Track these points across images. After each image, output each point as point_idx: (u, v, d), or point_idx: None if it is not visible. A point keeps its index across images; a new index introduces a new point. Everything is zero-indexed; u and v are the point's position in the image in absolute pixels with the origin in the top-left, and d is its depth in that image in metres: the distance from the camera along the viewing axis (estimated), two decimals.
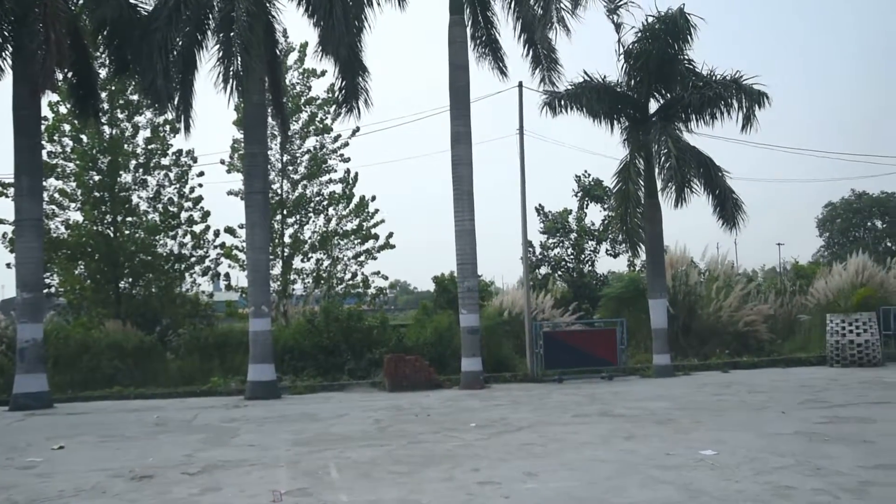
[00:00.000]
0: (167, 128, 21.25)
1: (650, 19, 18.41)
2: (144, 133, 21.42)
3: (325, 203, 23.42)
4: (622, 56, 18.90)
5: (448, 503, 6.69)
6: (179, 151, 21.74)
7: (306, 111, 23.16)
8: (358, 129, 22.86)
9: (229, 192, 22.71)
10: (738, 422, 10.81)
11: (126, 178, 21.23)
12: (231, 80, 15.52)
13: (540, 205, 25.82)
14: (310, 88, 23.30)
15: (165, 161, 21.67)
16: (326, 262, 23.61)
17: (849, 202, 65.03)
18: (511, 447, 9.33)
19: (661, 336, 18.36)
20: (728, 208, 18.57)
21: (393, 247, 24.06)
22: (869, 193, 63.42)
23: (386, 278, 24.75)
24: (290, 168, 23.16)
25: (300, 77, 23.16)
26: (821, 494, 6.55)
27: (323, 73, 22.76)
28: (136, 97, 20.55)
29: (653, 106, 19.36)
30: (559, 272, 25.36)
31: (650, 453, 8.60)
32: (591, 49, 22.83)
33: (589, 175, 25.98)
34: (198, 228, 21.98)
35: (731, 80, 18.39)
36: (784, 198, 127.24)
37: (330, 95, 22.78)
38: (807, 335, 21.98)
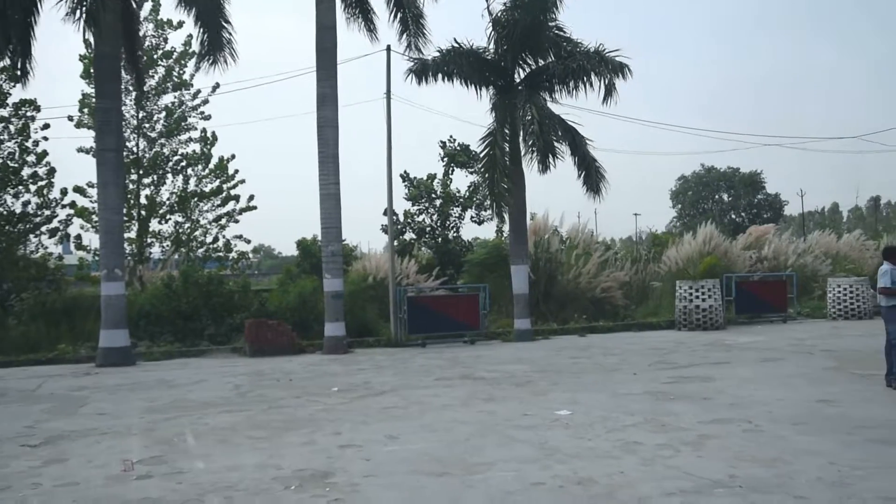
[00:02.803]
0: (4, 76, 19.66)
1: None
2: None
3: (183, 163, 22.53)
4: (490, 24, 19.03)
5: (309, 467, 6.65)
6: (21, 102, 20.19)
7: (163, 65, 22.08)
8: (218, 85, 22.12)
9: (79, 150, 21.47)
10: (593, 383, 11.28)
11: None
12: (82, 19, 14.51)
13: (405, 171, 25.80)
14: (166, 41, 22.23)
15: (4, 112, 20.09)
16: (186, 225, 22.79)
17: (699, 176, 69.06)
18: (373, 411, 9.37)
19: (522, 301, 18.82)
20: (592, 176, 19.14)
21: (255, 208, 23.50)
22: (717, 168, 67.55)
23: (248, 242, 24.21)
24: (147, 125, 22.07)
25: (156, 29, 22.03)
26: (664, 448, 6.95)
27: (181, 24, 21.78)
28: None
29: (521, 74, 19.61)
30: (424, 238, 25.49)
31: (508, 414, 8.85)
32: (462, 16, 22.92)
33: (454, 141, 26.14)
34: (43, 187, 20.56)
35: (595, 52, 18.82)
36: (643, 170, 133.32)
37: (188, 48, 21.84)
38: (659, 301, 23.12)
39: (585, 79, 18.78)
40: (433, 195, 25.31)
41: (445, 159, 25.86)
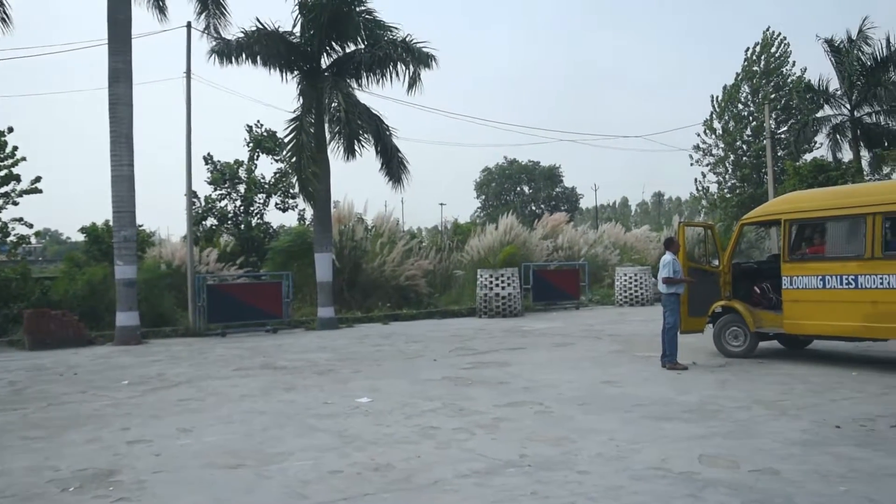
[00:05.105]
0: None
1: None
2: None
3: None
4: (297, 7, 18.63)
5: (91, 466, 6.22)
6: None
7: None
8: None
9: None
10: (394, 370, 11.39)
11: None
12: None
13: (208, 154, 24.78)
14: None
15: None
16: None
17: (502, 168, 71.83)
18: (166, 403, 8.94)
19: (325, 289, 18.67)
20: (394, 166, 19.32)
21: (39, 191, 21.62)
22: (519, 161, 70.54)
23: (31, 226, 22.22)
24: None
25: None
26: (460, 432, 7.13)
27: None
28: None
29: (328, 60, 19.37)
30: (227, 224, 24.63)
31: (309, 403, 8.75)
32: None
33: (262, 126, 25.42)
34: None
35: (402, 41, 18.96)
36: (451, 161, 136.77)
37: None
38: (461, 289, 23.81)
39: (392, 67, 18.89)
40: (237, 180, 24.49)
41: (251, 144, 25.09)
